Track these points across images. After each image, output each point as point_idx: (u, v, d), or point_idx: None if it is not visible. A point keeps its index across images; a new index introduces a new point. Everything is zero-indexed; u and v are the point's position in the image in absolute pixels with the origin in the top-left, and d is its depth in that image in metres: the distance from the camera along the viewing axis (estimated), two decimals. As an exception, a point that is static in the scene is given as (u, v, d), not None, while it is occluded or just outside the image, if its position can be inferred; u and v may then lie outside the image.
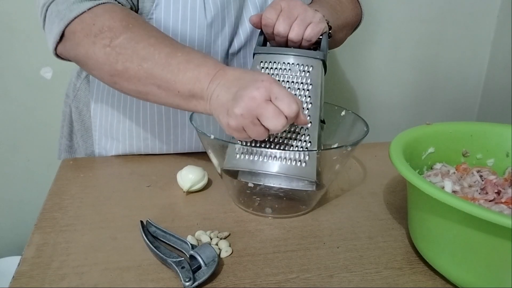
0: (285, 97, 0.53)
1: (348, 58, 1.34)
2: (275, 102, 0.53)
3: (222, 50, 0.74)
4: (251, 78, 0.55)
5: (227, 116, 0.54)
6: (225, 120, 0.55)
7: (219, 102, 0.55)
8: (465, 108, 1.48)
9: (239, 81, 0.56)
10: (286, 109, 0.53)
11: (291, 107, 0.53)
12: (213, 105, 0.56)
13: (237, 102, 0.53)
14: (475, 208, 0.42)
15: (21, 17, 1.11)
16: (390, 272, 0.53)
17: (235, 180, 0.64)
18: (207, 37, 0.71)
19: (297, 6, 0.64)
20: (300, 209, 0.65)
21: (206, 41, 0.71)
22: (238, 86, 0.55)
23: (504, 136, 0.63)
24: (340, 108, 0.71)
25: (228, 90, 0.55)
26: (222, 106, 0.55)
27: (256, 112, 0.53)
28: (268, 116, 0.53)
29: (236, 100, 0.53)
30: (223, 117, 0.55)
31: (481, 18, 1.37)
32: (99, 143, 0.82)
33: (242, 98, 0.53)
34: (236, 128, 0.54)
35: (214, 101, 0.56)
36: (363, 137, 0.61)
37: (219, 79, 0.56)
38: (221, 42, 0.73)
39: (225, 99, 0.55)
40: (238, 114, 0.53)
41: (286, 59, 0.64)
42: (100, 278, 0.51)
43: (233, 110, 0.53)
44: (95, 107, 0.81)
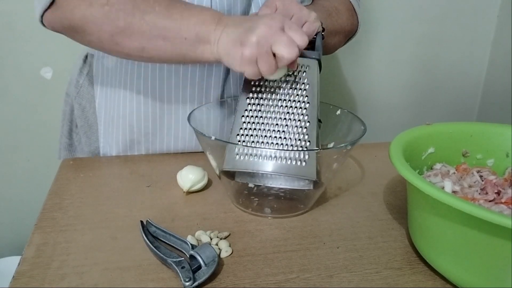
0: (297, 27, 0.55)
1: (348, 58, 1.34)
2: (288, 31, 0.55)
3: None
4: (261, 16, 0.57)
5: (241, 47, 0.54)
6: (238, 52, 0.55)
7: (230, 38, 0.56)
8: (465, 108, 1.48)
9: (248, 19, 0.57)
10: (299, 39, 0.55)
11: (303, 37, 0.55)
12: (222, 45, 0.56)
13: (253, 30, 0.54)
14: (475, 208, 0.42)
15: (21, 17, 1.11)
16: (390, 272, 0.53)
17: (233, 181, 0.64)
18: None
19: (292, 5, 0.64)
20: (298, 208, 0.65)
21: None
22: (249, 21, 0.56)
23: (504, 136, 0.63)
24: (335, 107, 0.71)
25: (239, 27, 0.56)
26: (234, 40, 0.55)
27: (272, 40, 0.54)
28: (284, 43, 0.54)
29: (252, 29, 0.54)
30: (236, 50, 0.55)
31: (481, 18, 1.37)
32: (104, 136, 0.82)
33: (258, 26, 0.54)
34: (250, 57, 0.54)
35: (223, 40, 0.56)
36: (362, 135, 0.61)
37: (225, 21, 0.57)
38: None
39: (237, 33, 0.55)
40: (254, 41, 0.54)
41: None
42: (100, 278, 0.51)
43: (248, 39, 0.54)
44: (99, 101, 0.81)
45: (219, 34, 0.57)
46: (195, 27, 0.58)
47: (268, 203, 0.65)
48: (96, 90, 0.81)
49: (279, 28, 0.55)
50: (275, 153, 0.59)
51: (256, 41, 0.54)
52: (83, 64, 0.82)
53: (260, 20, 0.55)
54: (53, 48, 1.15)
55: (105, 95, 0.80)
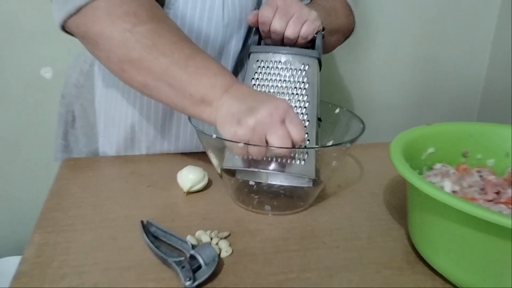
0: (298, 123, 0.54)
1: (348, 58, 1.34)
2: (288, 124, 0.54)
3: (235, 51, 0.74)
4: (269, 96, 0.56)
5: (237, 125, 0.54)
6: (232, 129, 0.54)
7: (230, 111, 0.55)
8: (465, 108, 1.48)
9: (255, 96, 0.56)
10: (296, 135, 0.54)
11: (300, 134, 0.54)
12: (221, 114, 0.56)
13: (253, 114, 0.53)
14: (474, 208, 0.42)
15: (22, 17, 1.11)
16: (390, 272, 0.53)
17: (234, 178, 0.65)
18: (222, 37, 0.71)
19: (293, 4, 0.64)
20: (298, 206, 0.66)
21: (220, 40, 0.72)
22: (255, 100, 0.55)
23: (504, 136, 0.63)
24: (335, 106, 0.71)
25: (243, 101, 0.55)
26: (233, 115, 0.54)
27: (267, 130, 0.53)
28: (279, 136, 0.53)
29: (252, 112, 0.53)
30: (231, 125, 0.54)
31: (481, 18, 1.37)
32: (104, 135, 0.82)
33: (259, 111, 0.53)
34: (242, 138, 0.54)
35: (224, 109, 0.55)
36: (361, 134, 0.62)
37: (234, 91, 0.56)
38: (235, 43, 0.73)
39: (238, 109, 0.54)
40: (250, 125, 0.53)
41: (282, 57, 0.64)
42: (100, 278, 0.51)
43: (246, 120, 0.53)
44: (99, 100, 0.80)
45: (222, 103, 0.56)
46: (204, 88, 0.56)
47: (268, 201, 0.65)
48: (96, 89, 0.81)
49: (279, 119, 0.53)
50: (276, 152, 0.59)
51: (252, 125, 0.53)
52: (84, 64, 0.82)
53: (264, 104, 0.54)
54: (53, 48, 1.15)
55: (105, 94, 0.80)
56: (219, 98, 0.56)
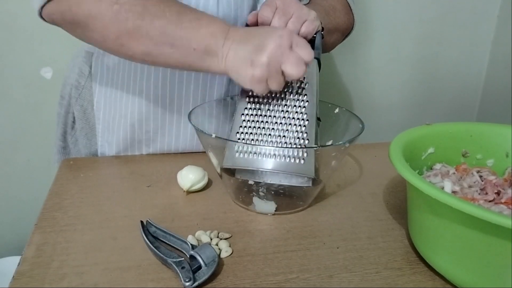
0: (304, 44, 0.56)
1: (348, 59, 1.34)
2: (296, 48, 0.56)
3: None
4: (267, 30, 0.57)
5: (252, 67, 0.55)
6: (249, 72, 0.55)
7: (239, 56, 0.56)
8: (465, 108, 1.47)
9: (254, 35, 0.57)
10: (306, 55, 0.56)
11: (310, 52, 0.56)
12: (230, 62, 0.56)
13: (263, 51, 0.54)
14: (475, 208, 0.42)
15: (21, 17, 1.11)
16: (390, 272, 0.53)
17: (233, 178, 0.65)
18: None
19: (292, 4, 0.64)
20: (298, 205, 0.66)
21: None
22: (258, 38, 0.56)
23: (504, 136, 0.63)
24: (334, 106, 0.72)
25: (247, 43, 0.56)
26: (243, 59, 0.55)
27: (281, 59, 0.54)
28: (293, 62, 0.55)
29: (261, 50, 0.54)
30: (246, 69, 0.55)
31: (481, 18, 1.37)
32: (103, 136, 0.82)
33: (268, 46, 0.54)
34: (261, 78, 0.55)
35: (231, 57, 0.56)
36: (360, 133, 0.62)
37: (233, 34, 0.57)
38: None
39: (246, 52, 0.55)
40: (265, 62, 0.54)
41: None
42: (100, 278, 0.51)
43: (259, 59, 0.54)
44: (98, 100, 0.80)
45: (227, 50, 0.56)
46: (205, 39, 0.57)
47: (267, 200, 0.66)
48: (94, 89, 0.80)
49: (288, 47, 0.55)
50: (274, 150, 0.60)
51: (267, 62, 0.54)
52: (84, 64, 0.82)
53: (269, 38, 0.55)
54: (53, 48, 1.14)
55: (104, 94, 0.80)
56: (221, 46, 0.57)
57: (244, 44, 0.56)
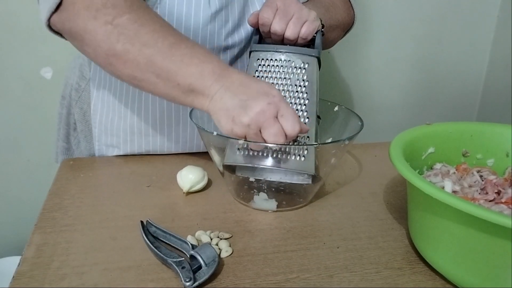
0: (290, 116, 0.55)
1: (348, 58, 1.34)
2: (280, 119, 0.55)
3: (226, 46, 0.74)
4: (261, 89, 0.56)
5: (232, 123, 0.55)
6: (229, 126, 0.55)
7: (223, 105, 0.55)
8: (465, 108, 1.48)
9: (247, 89, 0.56)
10: (289, 129, 0.55)
11: (294, 128, 0.55)
12: (214, 106, 0.56)
13: (246, 112, 0.54)
14: (475, 208, 0.42)
15: (21, 17, 1.11)
16: (390, 272, 0.53)
17: (234, 175, 0.65)
18: (210, 31, 0.71)
19: (292, 5, 0.65)
20: (298, 202, 0.67)
21: (209, 35, 0.72)
22: (247, 94, 0.55)
23: (504, 136, 0.63)
24: (334, 104, 0.72)
25: (234, 96, 0.55)
26: (227, 111, 0.55)
27: (262, 126, 0.54)
28: (272, 133, 0.55)
29: (245, 110, 0.54)
30: (227, 123, 0.55)
31: (481, 18, 1.37)
32: (99, 139, 0.82)
33: (252, 109, 0.54)
34: (240, 135, 0.55)
35: (216, 102, 0.56)
36: (360, 131, 0.62)
37: (224, 80, 0.56)
38: (224, 37, 0.73)
39: (231, 105, 0.55)
40: (245, 123, 0.54)
41: (282, 56, 0.66)
42: (100, 278, 0.51)
43: (240, 118, 0.54)
44: (95, 103, 0.80)
45: (214, 93, 0.56)
46: (191, 77, 0.56)
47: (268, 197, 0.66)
48: (92, 91, 0.80)
49: (273, 116, 0.54)
50: (275, 148, 0.60)
51: (247, 123, 0.54)
52: (85, 67, 0.81)
53: (257, 100, 0.54)
54: (53, 48, 1.14)
55: (102, 97, 0.80)
56: (209, 87, 0.56)
57: (232, 95, 0.55)
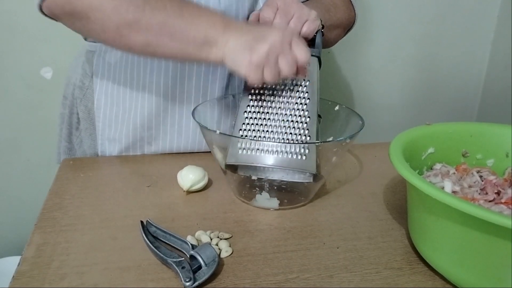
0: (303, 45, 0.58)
1: (348, 58, 1.34)
2: (294, 47, 0.57)
3: None
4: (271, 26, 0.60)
5: (250, 53, 0.56)
6: (247, 57, 0.56)
7: (239, 43, 0.57)
8: (465, 108, 1.47)
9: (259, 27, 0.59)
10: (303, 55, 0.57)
11: (306, 54, 0.58)
12: (229, 48, 0.57)
13: (265, 39, 0.56)
14: (475, 208, 0.42)
15: (21, 17, 1.11)
16: (390, 272, 0.53)
17: (236, 174, 0.66)
18: None
19: (293, 4, 0.65)
20: (299, 200, 0.67)
21: None
22: (260, 30, 0.58)
23: (504, 136, 0.63)
24: (334, 103, 0.73)
25: (249, 33, 0.57)
26: (243, 45, 0.57)
27: (279, 52, 0.56)
28: (288, 60, 0.57)
29: (263, 38, 0.56)
30: (244, 54, 0.56)
31: (481, 18, 1.37)
32: (102, 133, 0.82)
33: (270, 37, 0.56)
34: (258, 64, 0.56)
35: (231, 43, 0.57)
36: (360, 129, 0.63)
37: (234, 26, 0.59)
38: None
39: (247, 39, 0.57)
40: (265, 50, 0.56)
41: None
42: (100, 278, 0.51)
43: (260, 45, 0.56)
44: (99, 97, 0.80)
45: (227, 38, 0.58)
46: (205, 29, 0.58)
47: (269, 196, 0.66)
48: (95, 87, 0.80)
49: (288, 43, 0.57)
50: (276, 147, 0.60)
51: (267, 50, 0.55)
52: (87, 65, 0.81)
53: (272, 31, 0.57)
54: (53, 48, 1.14)
55: (105, 92, 0.79)
56: (222, 34, 0.58)
57: (246, 34, 0.57)
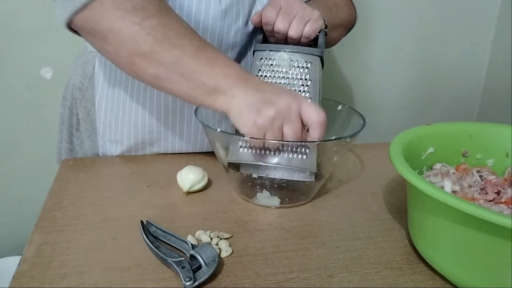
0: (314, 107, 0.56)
1: (348, 58, 1.34)
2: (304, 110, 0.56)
3: (234, 43, 0.74)
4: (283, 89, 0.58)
5: (256, 115, 0.55)
6: (252, 118, 0.55)
7: (248, 100, 0.56)
8: (465, 108, 1.48)
9: (270, 88, 0.57)
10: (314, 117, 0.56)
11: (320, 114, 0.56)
12: (237, 103, 0.57)
13: (273, 104, 0.55)
14: (475, 208, 0.42)
15: (21, 17, 1.11)
16: (390, 272, 0.53)
17: (238, 173, 0.66)
18: (220, 28, 0.72)
19: (295, 4, 0.65)
20: (300, 199, 0.67)
21: (219, 31, 0.72)
22: (271, 92, 0.56)
23: (504, 136, 0.63)
24: (337, 103, 0.73)
25: (259, 92, 0.56)
26: (251, 105, 0.56)
27: (285, 121, 0.55)
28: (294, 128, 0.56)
29: (271, 103, 0.55)
30: (250, 114, 0.55)
31: (481, 18, 1.37)
32: (103, 135, 0.82)
33: (279, 102, 0.55)
34: (262, 127, 0.55)
35: (240, 99, 0.56)
36: (362, 129, 0.63)
37: (246, 81, 0.57)
38: (233, 34, 0.73)
39: (255, 99, 0.56)
40: (270, 115, 0.55)
41: (285, 55, 0.67)
42: (100, 278, 0.51)
43: (266, 110, 0.55)
44: (99, 99, 0.80)
45: (237, 93, 0.57)
46: (217, 77, 0.57)
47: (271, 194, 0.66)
48: (97, 88, 0.80)
49: (297, 111, 0.56)
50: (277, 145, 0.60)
51: (273, 115, 0.55)
52: (87, 66, 0.81)
53: (282, 96, 0.56)
54: (53, 48, 1.15)
55: (106, 93, 0.79)
56: (233, 87, 0.57)
57: (256, 92, 0.56)
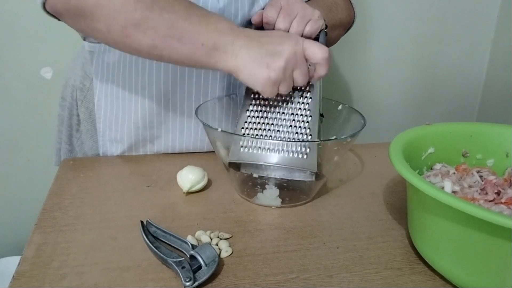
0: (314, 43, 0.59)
1: (348, 58, 1.34)
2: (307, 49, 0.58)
3: None
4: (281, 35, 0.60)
5: (268, 70, 0.56)
6: (265, 74, 0.56)
7: (253, 57, 0.57)
8: (465, 108, 1.47)
9: (268, 38, 0.59)
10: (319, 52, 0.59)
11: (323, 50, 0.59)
12: (243, 61, 0.57)
13: (280, 55, 0.56)
14: (475, 208, 0.42)
15: (21, 17, 1.11)
16: (390, 272, 0.53)
17: (238, 172, 0.66)
18: None
19: (296, 4, 0.65)
20: (301, 199, 0.67)
21: None
22: (271, 43, 0.58)
23: (504, 136, 0.63)
24: (337, 103, 0.73)
25: (261, 46, 0.57)
26: (258, 60, 0.57)
27: (295, 66, 0.57)
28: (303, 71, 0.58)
29: (278, 55, 0.56)
30: (261, 70, 0.56)
31: (481, 18, 1.37)
32: (103, 134, 0.81)
33: (284, 53, 0.57)
34: (276, 81, 0.57)
35: (244, 57, 0.57)
36: (362, 128, 0.63)
37: (243, 35, 0.58)
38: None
39: (260, 54, 0.57)
40: (281, 67, 0.56)
41: None
42: (100, 278, 0.51)
43: (276, 63, 0.56)
44: (99, 98, 0.80)
45: (238, 49, 0.57)
46: (214, 34, 0.57)
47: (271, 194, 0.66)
48: (95, 88, 0.80)
49: (302, 54, 0.57)
50: (278, 145, 0.61)
51: (283, 66, 0.56)
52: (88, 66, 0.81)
53: (285, 43, 0.57)
54: (53, 48, 1.14)
55: (105, 92, 0.79)
56: (231, 44, 0.57)
57: (258, 46, 0.57)
